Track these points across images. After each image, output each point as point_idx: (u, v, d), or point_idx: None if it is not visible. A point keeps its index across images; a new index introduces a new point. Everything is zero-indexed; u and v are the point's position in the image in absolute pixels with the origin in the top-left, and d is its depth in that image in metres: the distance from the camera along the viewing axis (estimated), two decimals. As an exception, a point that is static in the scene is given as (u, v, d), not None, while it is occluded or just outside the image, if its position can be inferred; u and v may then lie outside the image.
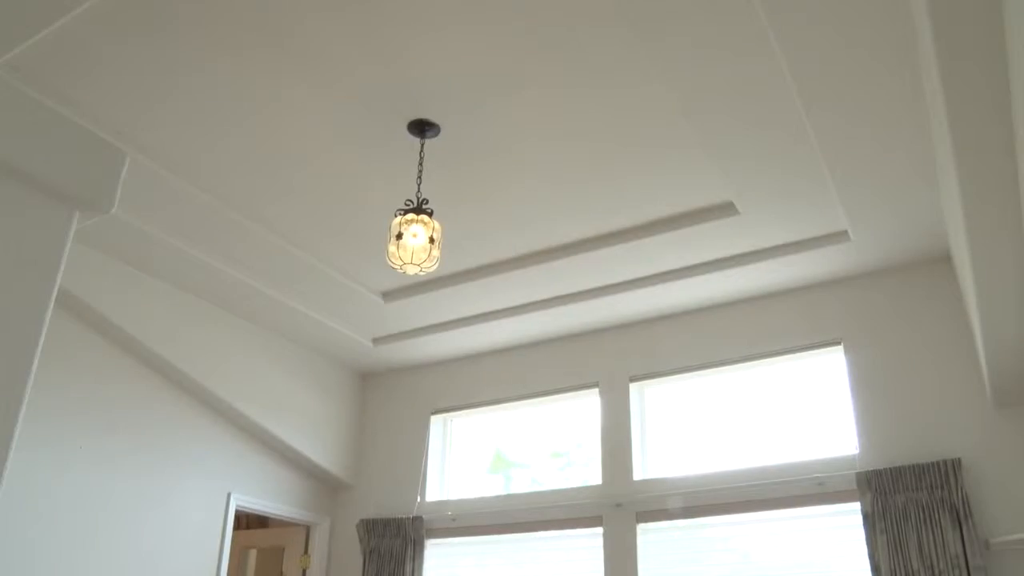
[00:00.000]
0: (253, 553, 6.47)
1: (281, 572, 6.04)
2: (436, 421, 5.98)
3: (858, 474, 4.23)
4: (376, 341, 5.73)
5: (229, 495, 5.29)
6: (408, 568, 5.37)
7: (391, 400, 6.19)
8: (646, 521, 4.88)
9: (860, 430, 4.43)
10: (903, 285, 4.56)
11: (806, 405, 4.76)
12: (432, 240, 3.38)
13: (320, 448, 5.84)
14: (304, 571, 5.93)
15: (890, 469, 4.15)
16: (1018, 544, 3.84)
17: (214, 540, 5.16)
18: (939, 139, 3.02)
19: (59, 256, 1.74)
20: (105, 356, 4.73)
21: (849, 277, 4.71)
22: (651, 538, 4.85)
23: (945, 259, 4.46)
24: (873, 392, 4.46)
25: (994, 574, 3.87)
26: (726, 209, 4.12)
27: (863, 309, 4.63)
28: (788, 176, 3.80)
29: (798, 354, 4.80)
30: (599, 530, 5.01)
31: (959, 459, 4.02)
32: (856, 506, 4.26)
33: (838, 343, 4.66)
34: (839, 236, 4.29)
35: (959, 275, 4.07)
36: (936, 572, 3.89)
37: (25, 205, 1.70)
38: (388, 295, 5.13)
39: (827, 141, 3.48)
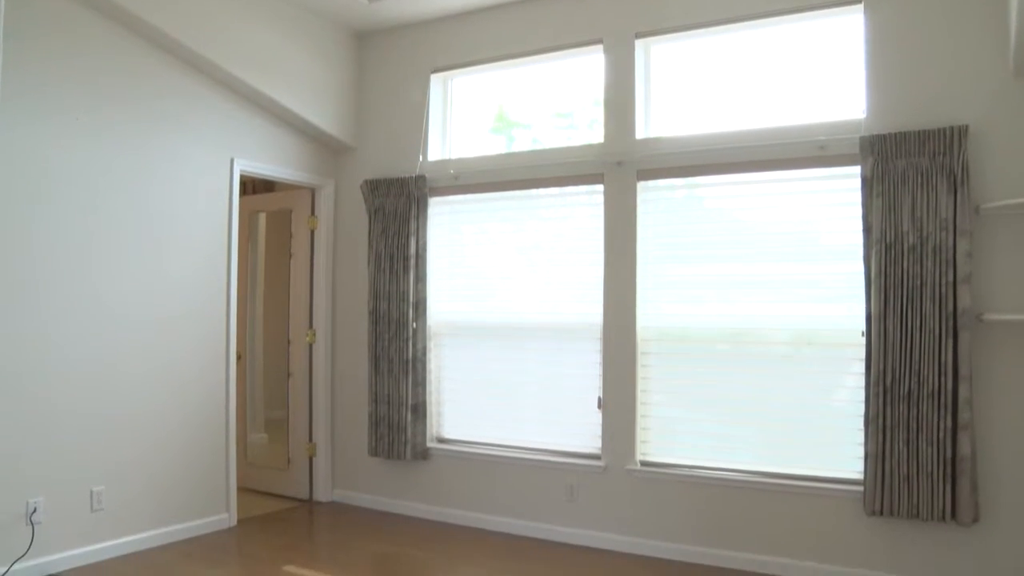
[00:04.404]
0: (262, 216, 6.64)
1: (290, 233, 6.25)
2: (436, 80, 5.81)
3: (862, 138, 4.24)
4: (369, -4, 5.39)
5: (232, 160, 5.30)
6: (412, 225, 5.57)
7: (389, 60, 5.96)
8: (647, 179, 4.96)
9: (870, 95, 4.35)
10: (938, -63, 4.21)
11: (817, 69, 4.63)
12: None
13: (320, 111, 5.75)
14: (312, 232, 6.14)
15: (895, 134, 4.14)
16: (1005, 210, 3.96)
17: (222, 205, 5.27)
18: None
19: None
20: (91, 27, 4.48)
21: (881, -75, 4.33)
22: (651, 196, 4.97)
23: (991, -94, 4.07)
24: (889, 55, 4.30)
25: (979, 237, 4.04)
26: None
27: (891, -37, 4.32)
28: None
29: (815, 12, 4.55)
30: (600, 187, 5.11)
31: (966, 126, 4.00)
32: (856, 170, 4.29)
33: (859, 1, 4.41)
34: None
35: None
36: (924, 234, 4.07)
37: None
38: (379, -54, 4.72)
39: None
